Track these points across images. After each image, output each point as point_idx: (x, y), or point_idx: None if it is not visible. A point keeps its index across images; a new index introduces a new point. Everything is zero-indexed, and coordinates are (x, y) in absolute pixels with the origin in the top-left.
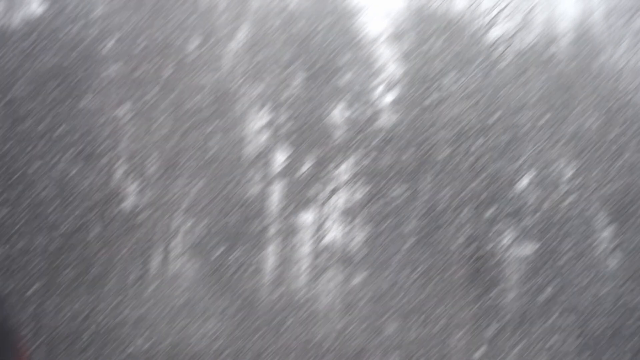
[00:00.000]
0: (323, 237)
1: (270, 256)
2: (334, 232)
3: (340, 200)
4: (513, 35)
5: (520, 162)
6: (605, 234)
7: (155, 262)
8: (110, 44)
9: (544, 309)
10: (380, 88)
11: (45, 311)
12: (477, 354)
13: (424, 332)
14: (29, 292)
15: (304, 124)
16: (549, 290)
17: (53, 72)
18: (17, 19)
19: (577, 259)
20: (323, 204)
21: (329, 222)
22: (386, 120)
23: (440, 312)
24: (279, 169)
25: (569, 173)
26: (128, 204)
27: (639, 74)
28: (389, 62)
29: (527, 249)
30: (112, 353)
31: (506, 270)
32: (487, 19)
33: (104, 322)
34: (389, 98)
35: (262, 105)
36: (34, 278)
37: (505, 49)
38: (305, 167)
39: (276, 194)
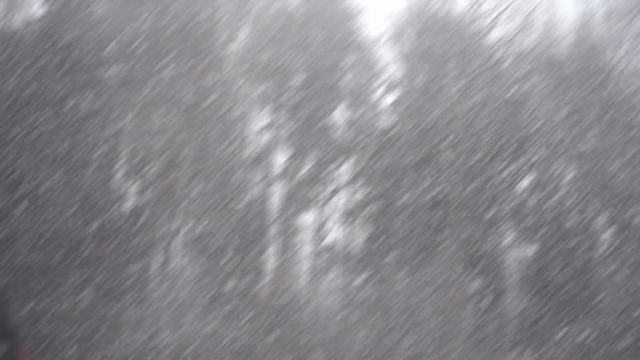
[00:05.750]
0: (324, 238)
1: (271, 257)
2: (335, 233)
3: (341, 201)
4: (514, 37)
5: (520, 163)
6: (605, 236)
7: (155, 262)
8: (111, 45)
9: (543, 310)
10: (381, 89)
11: (44, 311)
12: (477, 353)
13: (424, 332)
14: (29, 293)
15: (305, 125)
16: (548, 291)
17: (54, 73)
18: (17, 20)
19: (576, 260)
20: (324, 204)
21: (329, 223)
22: (387, 121)
23: (440, 313)
24: (279, 170)
25: (569, 175)
26: (129, 204)
27: (639, 75)
28: (390, 63)
29: (527, 250)
30: (112, 353)
31: (506, 272)
32: (488, 20)
33: (104, 322)
34: (390, 99)
35: (263, 106)
36: (33, 278)
37: (506, 51)
38: (306, 168)
39: (277, 195)
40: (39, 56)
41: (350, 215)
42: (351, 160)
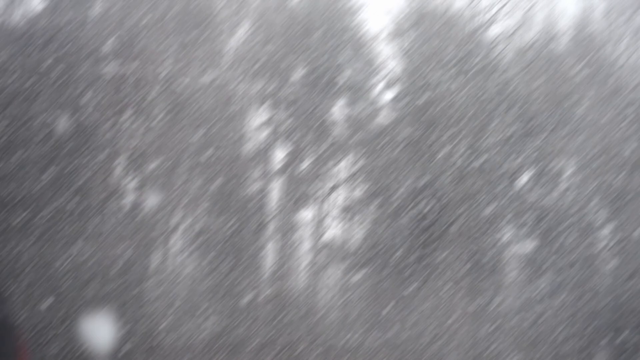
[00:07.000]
0: (323, 234)
1: (270, 253)
2: (334, 229)
3: (339, 197)
4: (513, 33)
5: (520, 159)
6: (605, 231)
7: (154, 259)
8: (110, 41)
9: (542, 306)
10: (380, 85)
11: (44, 310)
12: (476, 351)
13: (423, 329)
14: (29, 291)
15: (304, 121)
16: (548, 287)
17: (53, 69)
18: (17, 15)
19: (576, 256)
20: (323, 201)
21: (328, 219)
22: (386, 117)
23: (439, 309)
24: (278, 166)
25: (569, 170)
26: (128, 201)
27: (639, 71)
28: (389, 59)
29: (527, 246)
30: (111, 349)
31: (505, 268)
32: (487, 16)
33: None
34: (389, 95)
35: (262, 103)
36: (33, 276)
37: (505, 47)
38: (305, 164)
39: (276, 191)
40: (38, 51)
41: (349, 211)
42: (350, 157)
